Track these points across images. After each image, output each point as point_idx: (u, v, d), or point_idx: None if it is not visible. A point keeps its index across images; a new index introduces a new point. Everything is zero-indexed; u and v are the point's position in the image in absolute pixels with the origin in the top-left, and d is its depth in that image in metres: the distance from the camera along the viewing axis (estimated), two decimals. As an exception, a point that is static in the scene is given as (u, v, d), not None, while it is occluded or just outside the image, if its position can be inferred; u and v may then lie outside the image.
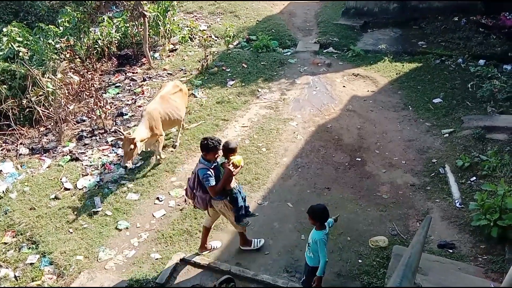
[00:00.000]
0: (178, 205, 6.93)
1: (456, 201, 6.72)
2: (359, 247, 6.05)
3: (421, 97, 9.59)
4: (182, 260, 5.85)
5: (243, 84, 10.26)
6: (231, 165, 5.27)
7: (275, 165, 7.72)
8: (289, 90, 10.09)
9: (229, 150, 5.35)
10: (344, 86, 10.25)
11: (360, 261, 5.85)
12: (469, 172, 7.24)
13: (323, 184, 7.27)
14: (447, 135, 8.28)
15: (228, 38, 11.92)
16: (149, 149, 7.58)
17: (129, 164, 6.91)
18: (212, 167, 5.26)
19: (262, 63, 11.15)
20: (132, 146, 6.62)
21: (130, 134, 6.84)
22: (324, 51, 11.86)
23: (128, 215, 6.73)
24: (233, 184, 5.47)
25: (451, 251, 5.97)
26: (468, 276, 5.40)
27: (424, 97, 9.56)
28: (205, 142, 5.20)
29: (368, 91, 10.08)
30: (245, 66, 10.98)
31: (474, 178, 7.13)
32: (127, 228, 6.50)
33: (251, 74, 10.67)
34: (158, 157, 7.66)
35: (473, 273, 5.61)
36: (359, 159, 7.88)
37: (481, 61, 10.65)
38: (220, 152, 5.40)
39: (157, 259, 5.95)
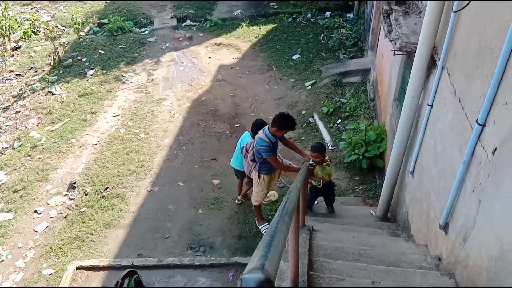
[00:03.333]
0: (61, 213, 6.40)
1: (328, 144, 7.39)
2: (253, 206, 6.32)
3: (281, 56, 10.12)
4: (79, 268, 5.50)
5: (104, 71, 9.66)
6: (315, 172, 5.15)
7: (157, 148, 7.56)
8: (156, 69, 9.81)
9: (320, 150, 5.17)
10: (209, 57, 10.30)
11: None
12: (334, 116, 7.99)
13: (209, 156, 7.36)
14: (310, 87, 8.95)
15: (77, 26, 11.04)
16: None
17: None
18: (274, 141, 4.97)
19: (120, 46, 10.59)
20: None
21: None
22: (183, 24, 11.70)
23: (5, 237, 6.02)
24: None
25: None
26: (351, 208, 6.07)
27: (284, 56, 10.12)
28: (284, 116, 4.87)
29: (233, 58, 10.29)
30: (103, 52, 10.31)
31: (340, 120, 7.89)
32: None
33: (111, 60, 10.09)
34: None
35: (353, 203, 6.32)
36: (238, 125, 8.11)
37: (327, 13, 11.59)
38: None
39: (50, 274, 5.48)
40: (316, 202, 6.11)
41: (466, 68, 3.15)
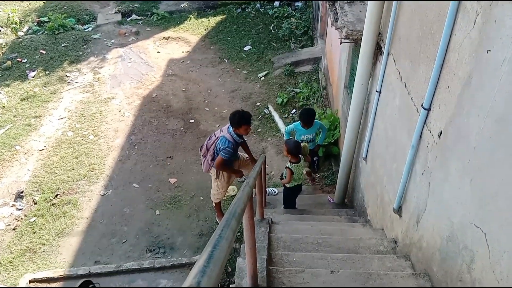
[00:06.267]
0: (9, 225, 6.04)
1: (284, 135, 7.38)
2: (213, 203, 6.23)
3: (232, 48, 10.00)
4: (32, 281, 5.21)
5: (47, 72, 9.17)
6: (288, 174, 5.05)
7: (108, 149, 7.28)
8: (102, 67, 9.42)
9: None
10: (158, 52, 10.02)
11: (217, 215, 6.07)
12: (288, 106, 8.00)
13: (164, 155, 7.18)
14: (263, 78, 8.91)
15: (15, 25, 10.39)
16: None
17: None
18: (239, 141, 4.93)
19: (63, 45, 10.08)
20: None
21: None
22: (128, 19, 11.30)
23: None
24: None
25: (291, 179, 6.61)
26: (309, 196, 6.11)
27: (236, 47, 10.01)
28: (235, 113, 4.73)
29: (183, 52, 10.07)
30: (44, 52, 9.78)
31: (294, 110, 7.91)
32: (-51, 272, 5.44)
33: (54, 60, 9.59)
34: None
35: (312, 191, 6.37)
36: (192, 121, 7.96)
37: (276, 3, 11.54)
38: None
39: (0, 291, 5.18)
40: (275, 193, 6.13)
41: (410, 54, 3.19)
